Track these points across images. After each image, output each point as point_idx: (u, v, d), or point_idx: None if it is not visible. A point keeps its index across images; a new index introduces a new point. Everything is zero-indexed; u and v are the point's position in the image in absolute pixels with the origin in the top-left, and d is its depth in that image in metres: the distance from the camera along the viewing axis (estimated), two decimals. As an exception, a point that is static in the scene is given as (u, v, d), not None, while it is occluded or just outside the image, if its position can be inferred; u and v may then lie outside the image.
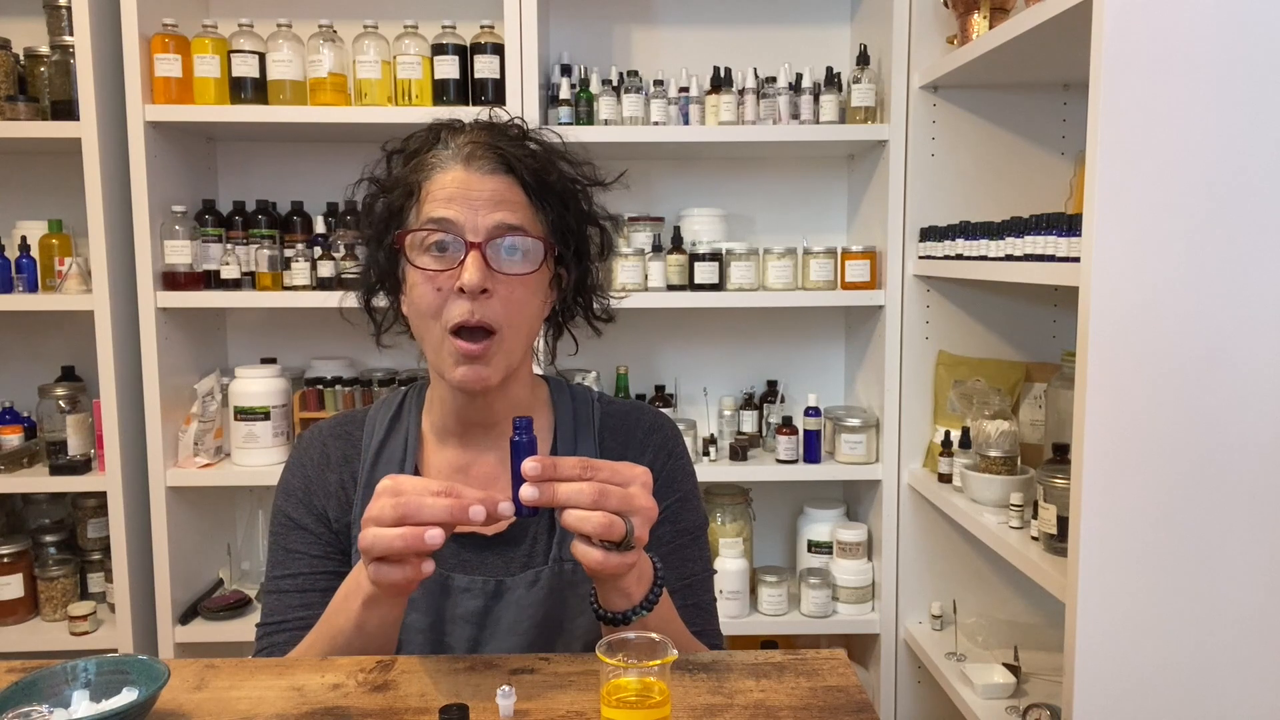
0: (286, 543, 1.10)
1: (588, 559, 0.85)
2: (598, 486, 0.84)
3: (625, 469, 0.87)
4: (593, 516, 0.83)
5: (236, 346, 2.47)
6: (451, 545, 1.07)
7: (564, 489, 0.84)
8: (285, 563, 1.09)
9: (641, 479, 0.87)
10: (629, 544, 0.85)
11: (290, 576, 1.09)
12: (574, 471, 0.85)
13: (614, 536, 0.84)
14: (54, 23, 2.08)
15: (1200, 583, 1.36)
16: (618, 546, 0.85)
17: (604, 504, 0.84)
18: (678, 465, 1.16)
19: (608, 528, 0.83)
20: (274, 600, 1.09)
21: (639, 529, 0.85)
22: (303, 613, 1.07)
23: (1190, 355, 1.33)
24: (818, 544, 2.34)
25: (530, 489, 0.84)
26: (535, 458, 0.84)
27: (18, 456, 2.18)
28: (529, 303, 1.03)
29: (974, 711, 1.82)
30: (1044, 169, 2.12)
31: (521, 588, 1.06)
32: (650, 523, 0.87)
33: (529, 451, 0.85)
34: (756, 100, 2.20)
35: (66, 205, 2.27)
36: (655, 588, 0.93)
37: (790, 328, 2.51)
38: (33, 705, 0.80)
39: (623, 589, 0.90)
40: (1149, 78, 1.30)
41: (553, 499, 0.84)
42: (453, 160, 1.01)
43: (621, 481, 0.86)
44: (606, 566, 0.85)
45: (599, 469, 0.85)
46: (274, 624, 1.08)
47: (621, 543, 0.85)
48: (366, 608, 0.94)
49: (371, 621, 0.95)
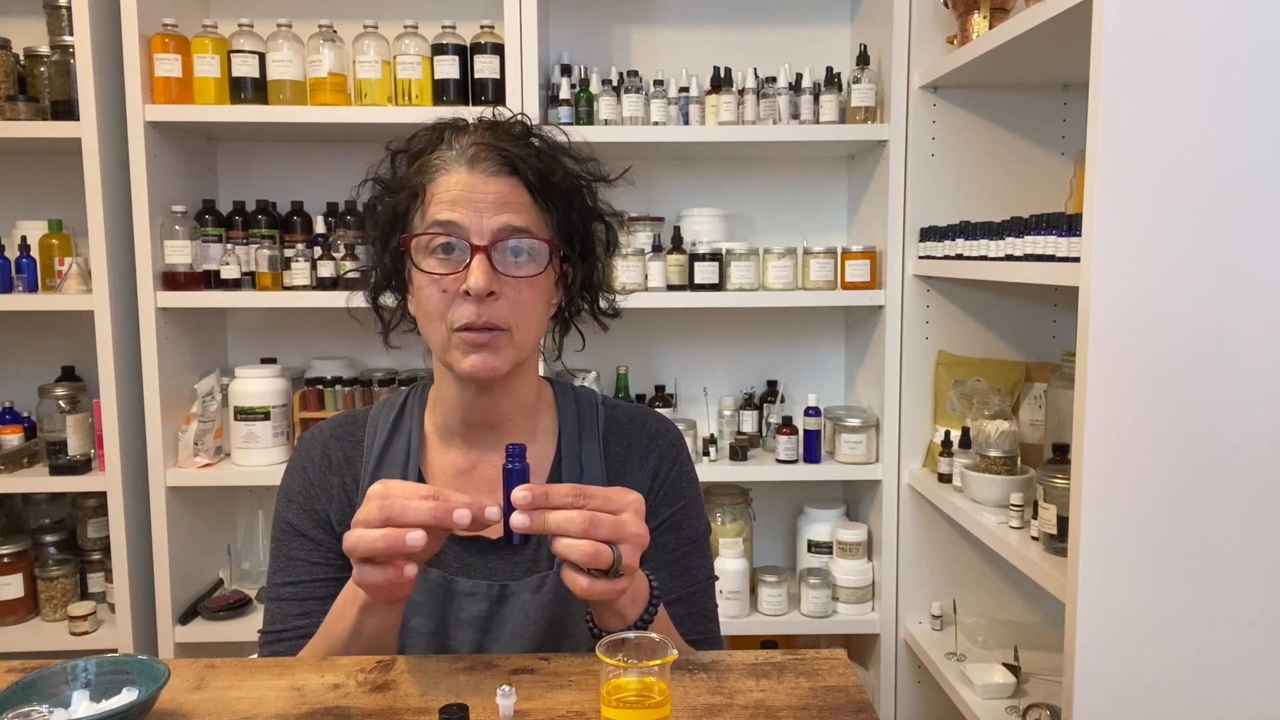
0: (287, 549, 1.10)
1: (574, 587, 0.86)
2: (588, 515, 0.84)
3: (618, 495, 0.87)
4: (579, 545, 0.84)
5: (236, 346, 2.47)
6: (456, 549, 1.07)
7: (554, 517, 0.84)
8: (286, 570, 1.09)
9: (634, 505, 0.88)
10: (617, 571, 0.85)
11: (291, 584, 1.09)
12: (565, 499, 0.85)
13: (600, 565, 0.84)
14: (54, 23, 2.08)
15: (1200, 582, 1.36)
16: (605, 574, 0.85)
17: (594, 532, 0.84)
18: (681, 472, 1.16)
19: (593, 556, 0.84)
20: (275, 608, 1.09)
21: (628, 556, 0.86)
22: (302, 621, 1.07)
23: (1190, 355, 1.33)
24: (818, 544, 2.34)
25: (520, 516, 0.84)
26: (526, 485, 0.85)
27: (18, 456, 2.18)
28: (536, 303, 1.03)
29: (974, 711, 1.82)
30: (1044, 169, 2.12)
31: (526, 592, 1.06)
32: (641, 549, 0.87)
33: (521, 479, 0.86)
34: (756, 100, 2.20)
35: (66, 205, 2.27)
36: (650, 607, 0.94)
37: (790, 328, 2.51)
38: (33, 705, 0.80)
39: (617, 610, 0.91)
40: (1149, 78, 1.30)
41: (543, 527, 0.84)
42: (457, 162, 1.01)
43: (613, 509, 0.86)
44: (593, 594, 0.86)
45: (591, 496, 0.86)
46: (275, 632, 1.08)
47: (609, 570, 0.85)
48: (362, 613, 0.94)
49: (368, 627, 0.95)
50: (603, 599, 0.87)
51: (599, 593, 0.86)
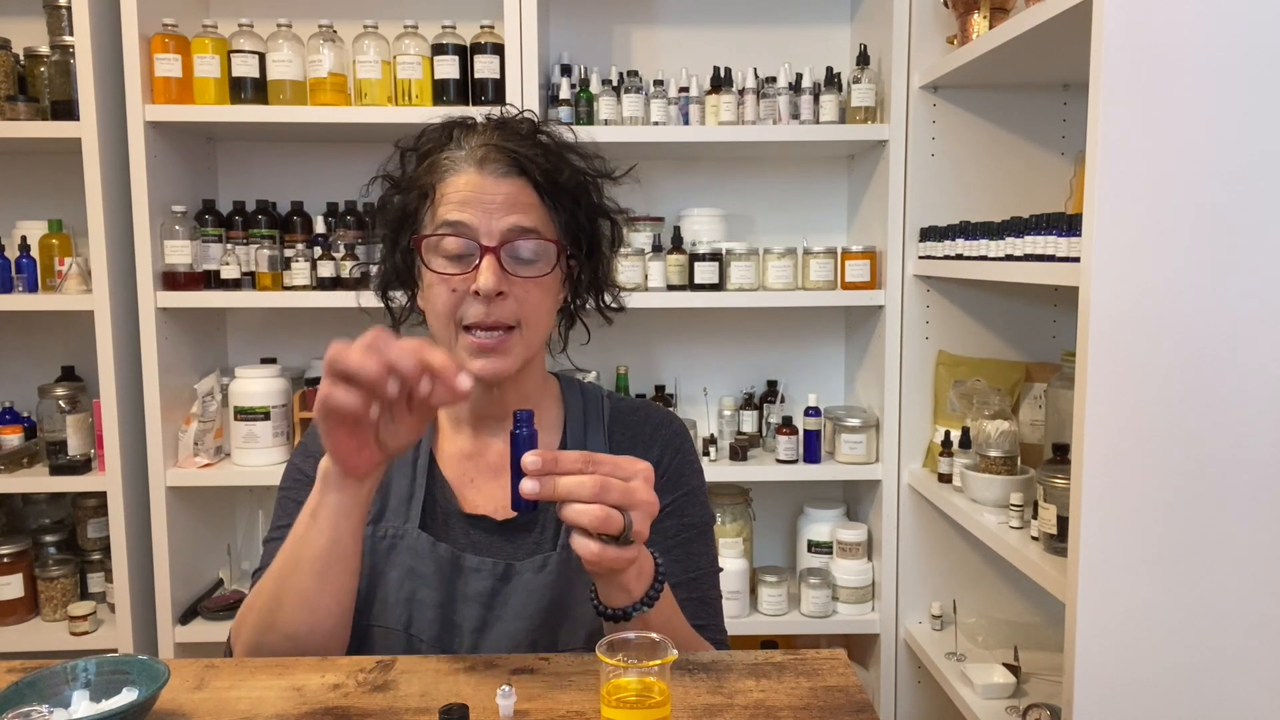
0: (296, 495, 1.09)
1: (585, 551, 0.84)
2: (598, 480, 0.83)
3: (627, 463, 0.86)
4: (590, 509, 0.83)
5: (236, 346, 2.46)
6: (464, 526, 1.09)
7: (564, 482, 0.83)
8: (291, 512, 1.07)
9: (644, 473, 0.87)
10: (627, 538, 0.84)
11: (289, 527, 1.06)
12: (575, 465, 0.84)
13: (612, 530, 0.83)
14: (54, 23, 2.08)
15: (1200, 582, 1.36)
16: (616, 540, 0.84)
17: (604, 498, 0.83)
18: (685, 461, 1.17)
19: (605, 521, 0.83)
20: (271, 548, 1.08)
21: (638, 523, 0.85)
22: None
23: (1190, 355, 1.33)
24: (818, 544, 2.34)
25: (530, 482, 0.83)
26: (536, 451, 0.84)
27: (18, 456, 2.18)
28: (543, 302, 1.05)
29: (974, 711, 1.82)
30: (1044, 169, 2.12)
31: (530, 572, 1.06)
32: (651, 518, 0.86)
33: (529, 445, 0.85)
34: (756, 100, 2.20)
35: (66, 205, 2.26)
36: (656, 584, 0.93)
37: (790, 328, 2.51)
38: (33, 705, 0.80)
39: (623, 584, 0.89)
40: (1149, 78, 1.30)
41: (553, 493, 0.83)
42: (466, 162, 1.03)
43: (623, 475, 0.85)
44: (604, 560, 0.84)
45: (600, 463, 0.85)
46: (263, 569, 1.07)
47: (620, 537, 0.84)
48: (322, 487, 0.93)
49: (325, 506, 0.93)
50: (612, 565, 0.86)
51: (609, 559, 0.84)
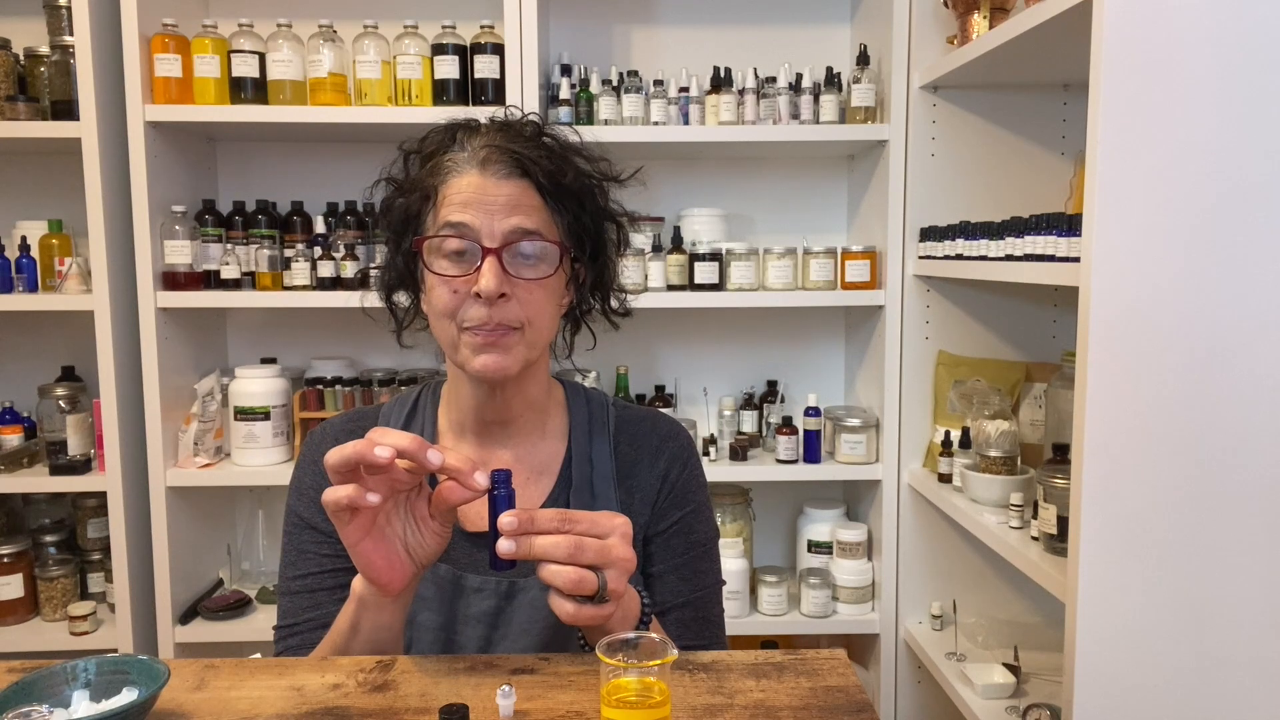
0: (298, 542, 1.10)
1: (560, 612, 0.85)
2: (574, 540, 0.84)
3: (605, 520, 0.87)
4: (564, 571, 0.83)
5: (236, 346, 2.47)
6: (465, 545, 1.08)
7: (540, 542, 0.84)
8: (297, 563, 1.10)
9: (621, 529, 0.87)
10: (602, 597, 0.85)
11: (301, 577, 1.09)
12: (551, 524, 0.85)
13: (585, 591, 0.84)
14: (54, 23, 2.08)
15: (1200, 582, 1.36)
16: (591, 599, 0.85)
17: (579, 558, 0.84)
18: (691, 475, 1.16)
19: (578, 584, 0.83)
20: (287, 602, 1.09)
21: (613, 582, 0.85)
22: (313, 613, 1.07)
23: (1190, 355, 1.33)
24: (818, 544, 2.34)
25: (507, 542, 0.84)
26: (512, 511, 0.85)
27: (18, 456, 2.18)
28: (546, 304, 1.04)
29: (974, 711, 1.82)
30: (1044, 169, 2.12)
31: (535, 589, 1.06)
32: (628, 574, 0.87)
33: (507, 505, 0.86)
34: (756, 100, 2.20)
35: (66, 205, 2.27)
36: (640, 625, 0.94)
37: (790, 328, 2.51)
38: (33, 705, 0.80)
39: (607, 630, 0.91)
40: (1149, 78, 1.30)
41: (529, 553, 0.84)
42: (468, 164, 1.02)
43: (600, 533, 0.86)
44: (578, 620, 0.85)
45: (577, 521, 0.86)
46: (288, 627, 1.08)
47: (595, 596, 0.85)
48: (359, 607, 0.95)
49: (365, 624, 0.95)
50: (588, 624, 0.87)
51: (584, 618, 0.85)
